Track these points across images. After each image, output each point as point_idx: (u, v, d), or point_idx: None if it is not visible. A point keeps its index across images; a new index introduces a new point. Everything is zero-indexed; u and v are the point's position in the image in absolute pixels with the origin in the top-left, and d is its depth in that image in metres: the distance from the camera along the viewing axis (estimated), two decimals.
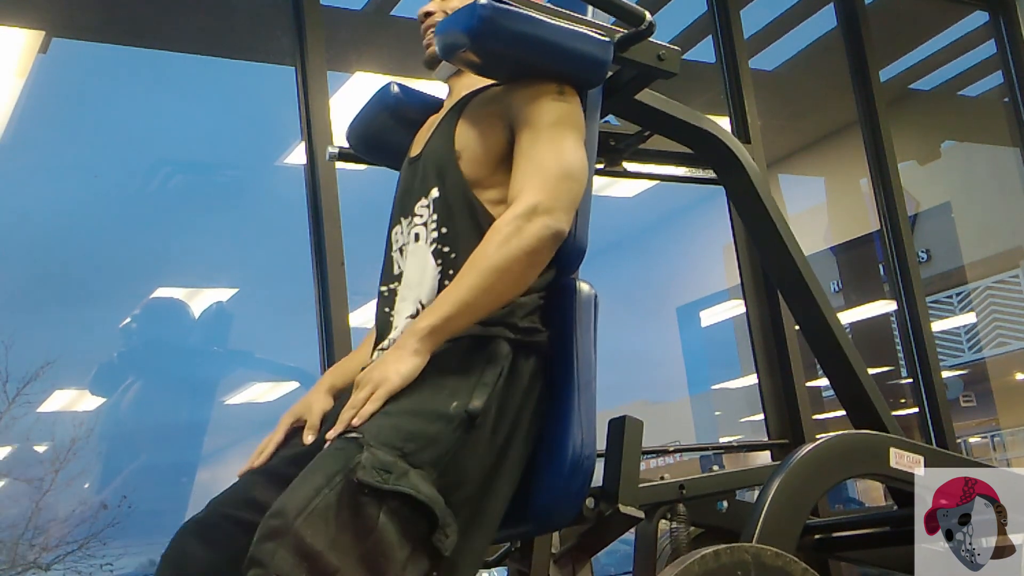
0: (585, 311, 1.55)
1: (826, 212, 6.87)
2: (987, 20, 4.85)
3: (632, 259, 8.74)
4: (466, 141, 1.57)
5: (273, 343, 5.19)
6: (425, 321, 1.39)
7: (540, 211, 1.42)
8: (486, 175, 1.54)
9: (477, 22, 1.50)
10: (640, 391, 9.97)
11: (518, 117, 1.53)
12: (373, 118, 1.88)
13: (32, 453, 4.39)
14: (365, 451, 1.26)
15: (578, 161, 1.50)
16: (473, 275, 1.40)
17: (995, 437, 9.48)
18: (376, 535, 1.21)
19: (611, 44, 1.60)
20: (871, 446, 1.88)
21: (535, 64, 1.55)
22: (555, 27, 1.54)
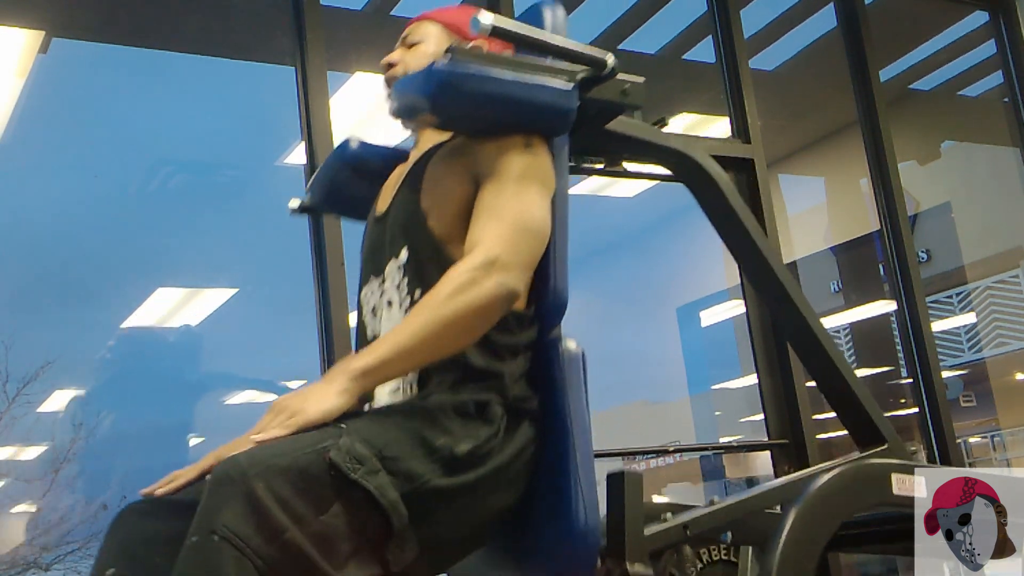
0: (574, 372, 1.50)
1: (826, 212, 6.88)
2: (987, 20, 4.85)
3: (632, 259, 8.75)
4: (433, 198, 1.52)
5: (273, 343, 5.19)
6: (360, 362, 1.32)
7: (497, 267, 1.36)
8: (456, 231, 1.49)
9: (435, 87, 1.45)
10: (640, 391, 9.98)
11: (484, 171, 1.48)
12: (335, 174, 1.83)
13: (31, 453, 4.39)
14: (344, 437, 1.24)
15: (540, 216, 1.45)
16: (419, 322, 1.34)
17: (995, 437, 9.47)
18: (328, 518, 1.19)
19: (575, 90, 1.51)
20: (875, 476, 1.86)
21: (498, 119, 1.50)
22: (516, 83, 1.47)
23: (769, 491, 1.88)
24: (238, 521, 1.13)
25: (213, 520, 1.14)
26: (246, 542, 1.13)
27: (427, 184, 1.54)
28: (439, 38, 1.67)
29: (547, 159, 1.51)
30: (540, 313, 1.51)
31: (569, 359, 1.51)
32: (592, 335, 1.62)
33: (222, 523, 1.13)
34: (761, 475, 7.02)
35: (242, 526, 1.13)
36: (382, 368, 1.33)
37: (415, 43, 1.68)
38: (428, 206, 1.52)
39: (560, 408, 1.48)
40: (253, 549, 1.13)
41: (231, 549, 1.12)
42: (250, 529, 1.13)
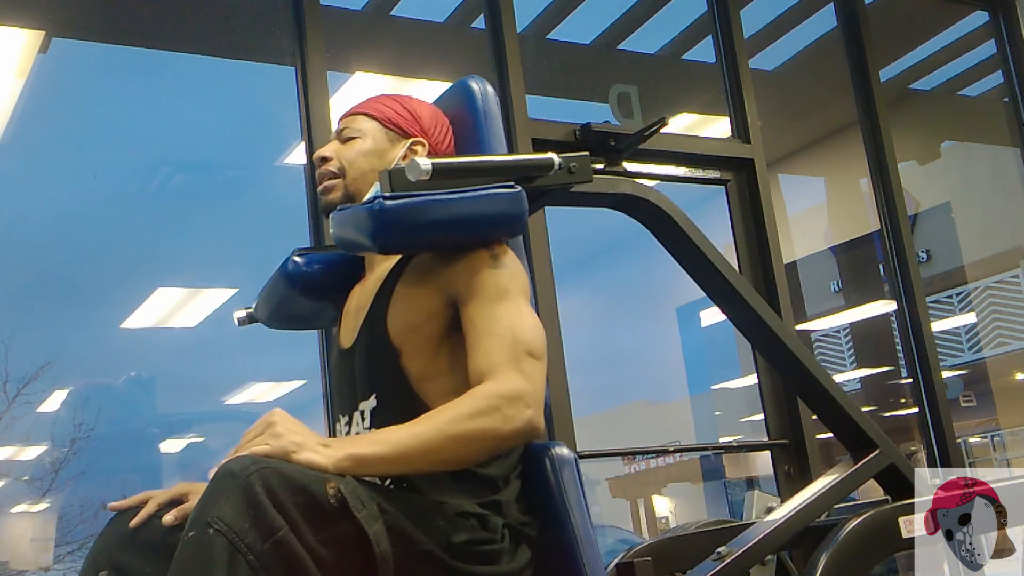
0: (569, 481, 1.45)
1: (826, 212, 6.87)
2: (987, 20, 4.85)
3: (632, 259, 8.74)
4: (404, 335, 1.46)
5: (273, 343, 5.19)
6: (359, 448, 1.25)
7: (524, 400, 1.31)
8: (431, 366, 1.45)
9: (379, 227, 1.39)
10: (640, 391, 9.98)
11: (461, 292, 1.43)
12: (280, 295, 1.74)
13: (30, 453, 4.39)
14: (349, 478, 1.22)
15: (539, 337, 1.40)
16: (430, 430, 1.27)
17: (995, 437, 9.48)
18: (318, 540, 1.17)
19: (522, 193, 1.46)
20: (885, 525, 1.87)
21: (452, 240, 1.46)
22: (462, 201, 1.42)
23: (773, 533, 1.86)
24: (233, 515, 1.12)
25: (209, 513, 1.13)
26: (240, 536, 1.12)
27: (394, 316, 1.48)
28: (375, 134, 1.62)
29: (516, 263, 1.48)
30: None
31: (562, 465, 1.46)
32: (592, 335, 1.62)
33: (217, 516, 1.12)
34: (761, 475, 7.01)
35: (237, 520, 1.12)
36: (376, 464, 1.26)
37: (351, 138, 1.63)
38: (400, 342, 1.46)
39: (563, 522, 1.43)
40: (247, 544, 1.12)
41: (225, 542, 1.11)
42: (245, 523, 1.12)
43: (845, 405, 2.03)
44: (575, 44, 4.26)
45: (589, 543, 1.42)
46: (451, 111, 1.69)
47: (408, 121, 1.63)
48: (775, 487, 3.42)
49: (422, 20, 3.89)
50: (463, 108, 1.67)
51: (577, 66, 4.35)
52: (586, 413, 9.69)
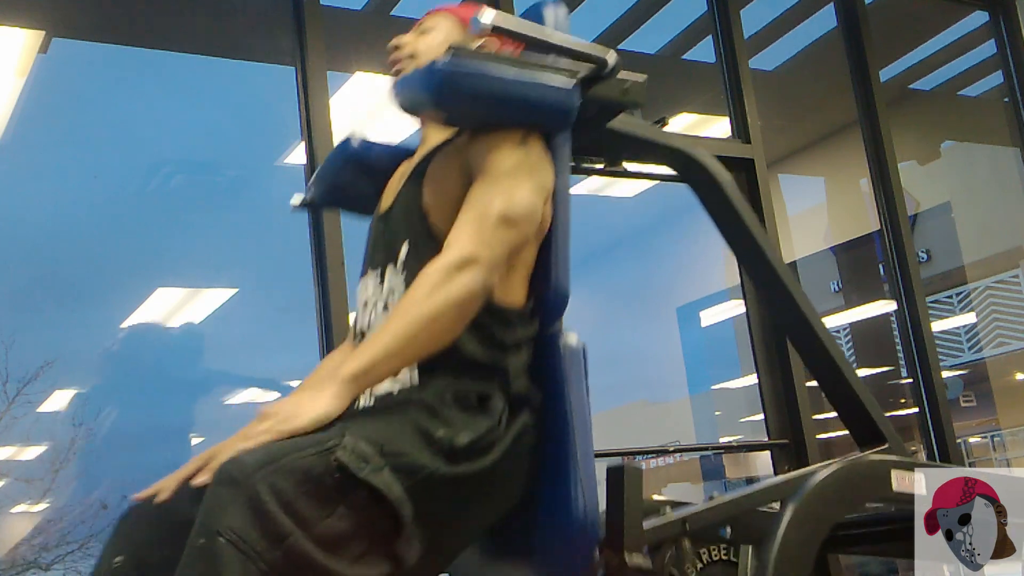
0: (574, 366, 1.52)
1: (826, 212, 6.88)
2: (987, 20, 4.85)
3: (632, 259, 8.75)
4: (434, 196, 1.54)
5: (273, 343, 5.19)
6: (350, 367, 1.34)
7: (469, 262, 1.39)
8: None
9: (437, 83, 1.48)
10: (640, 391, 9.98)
11: (476, 167, 1.50)
12: (337, 171, 1.85)
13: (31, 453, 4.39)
14: (347, 436, 1.25)
15: (525, 207, 1.46)
16: (400, 323, 1.36)
17: (995, 437, 9.48)
18: (335, 518, 1.20)
19: (575, 89, 1.54)
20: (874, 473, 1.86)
21: (500, 116, 1.52)
22: (516, 81, 1.50)
23: (769, 487, 1.88)
24: (242, 523, 1.13)
25: (217, 522, 1.14)
26: (251, 545, 1.13)
27: (429, 181, 1.56)
28: (450, 31, 1.69)
29: (541, 154, 1.53)
30: (541, 308, 1.52)
31: (570, 353, 1.52)
32: (592, 335, 1.63)
33: (226, 525, 1.13)
34: (761, 475, 7.01)
35: (246, 529, 1.13)
36: (371, 371, 1.34)
37: (426, 31, 1.72)
38: (430, 203, 1.53)
39: (561, 401, 1.49)
40: (258, 552, 1.13)
41: (235, 552, 1.12)
42: (255, 532, 1.13)
43: (862, 396, 2.03)
44: None
45: (583, 425, 1.48)
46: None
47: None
48: None
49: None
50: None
51: None
52: None
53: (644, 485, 1.58)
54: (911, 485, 1.84)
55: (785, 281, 2.00)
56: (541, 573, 1.47)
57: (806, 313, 2.01)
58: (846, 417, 2.08)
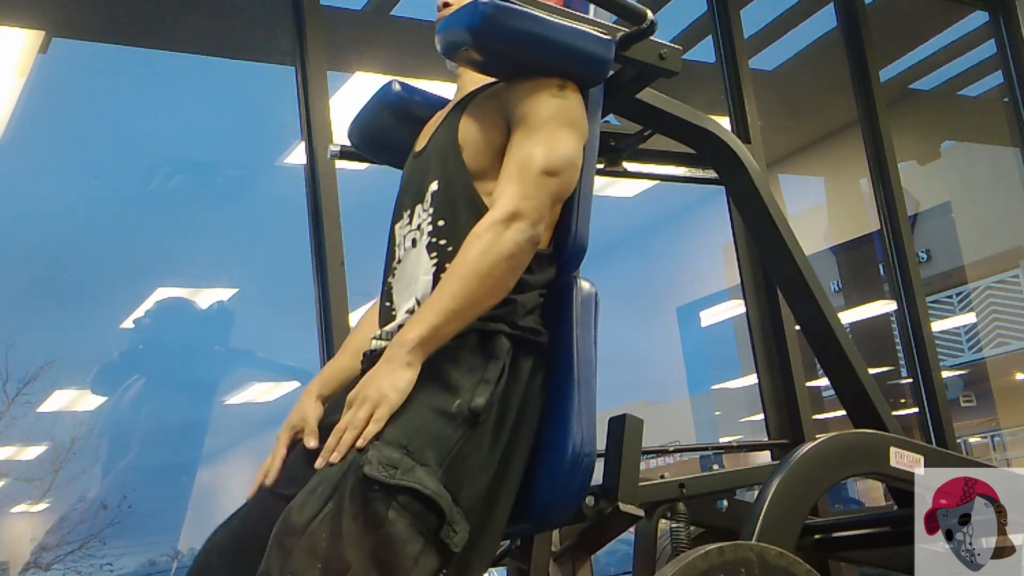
0: (585, 309, 1.55)
1: (826, 212, 6.87)
2: (987, 20, 4.85)
3: (632, 259, 8.74)
4: (468, 135, 1.58)
5: (273, 343, 5.19)
6: (413, 332, 1.39)
7: (517, 216, 1.43)
8: (488, 168, 1.55)
9: (479, 20, 1.51)
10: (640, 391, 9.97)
11: (515, 113, 1.54)
12: (375, 116, 1.87)
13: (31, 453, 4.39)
14: (371, 448, 1.28)
15: (565, 154, 1.50)
16: (456, 283, 1.40)
17: (995, 437, 9.48)
18: (385, 530, 1.23)
19: (613, 42, 1.60)
20: (871, 445, 1.87)
21: (537, 62, 1.56)
22: (557, 25, 1.54)
23: (767, 465, 1.89)
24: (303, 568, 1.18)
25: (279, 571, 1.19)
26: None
27: (464, 123, 1.59)
28: None
29: (579, 103, 1.56)
30: (559, 255, 1.56)
31: (582, 297, 1.56)
32: None
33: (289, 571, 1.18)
34: None
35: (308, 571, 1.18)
36: (435, 333, 1.38)
37: None
38: (464, 141, 1.57)
39: (567, 340, 1.52)
40: None
41: None
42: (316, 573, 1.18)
43: (872, 395, 2.03)
44: None
45: (587, 364, 1.51)
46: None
47: None
48: None
49: (422, 20, 3.89)
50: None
51: None
52: None
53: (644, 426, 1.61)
54: (910, 464, 1.84)
55: (804, 273, 2.01)
56: (534, 505, 1.49)
57: (823, 307, 2.03)
58: (853, 413, 2.08)
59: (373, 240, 1.81)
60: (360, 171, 2.29)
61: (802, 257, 2.05)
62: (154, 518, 4.45)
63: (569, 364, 1.51)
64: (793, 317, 3.30)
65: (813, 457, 1.77)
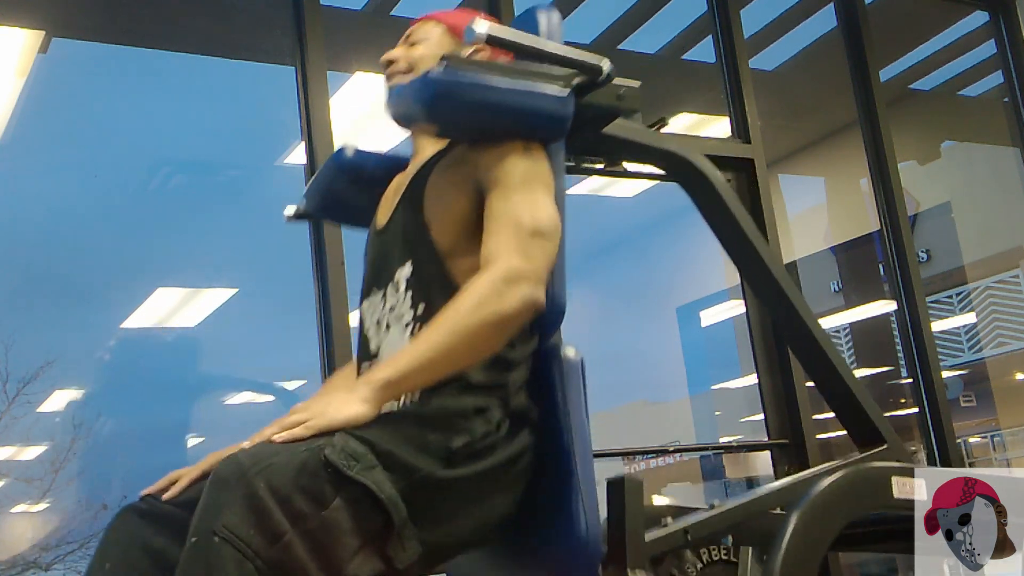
0: (573, 380, 1.50)
1: (826, 212, 6.88)
2: (987, 20, 4.85)
3: (632, 259, 8.75)
4: (435, 210, 1.51)
5: (273, 343, 5.20)
6: (382, 373, 1.33)
7: (520, 278, 1.36)
8: (459, 243, 1.49)
9: (431, 95, 1.45)
10: (640, 391, 9.99)
11: (486, 179, 1.48)
12: (331, 182, 1.81)
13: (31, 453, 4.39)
14: (338, 435, 1.25)
15: (550, 218, 1.45)
16: (440, 334, 1.34)
17: (995, 437, 9.47)
18: (329, 514, 1.19)
19: (570, 97, 1.51)
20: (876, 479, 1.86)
21: (497, 127, 1.50)
22: (511, 90, 1.48)
23: (770, 494, 1.87)
24: (239, 522, 1.13)
25: (213, 520, 1.14)
26: (247, 543, 1.13)
27: (429, 195, 1.53)
28: (441, 40, 1.66)
29: (546, 163, 1.51)
30: (538, 321, 1.48)
31: (568, 366, 1.51)
32: (592, 335, 1.63)
33: (222, 524, 1.13)
34: (761, 475, 7.01)
35: (243, 527, 1.13)
36: (404, 380, 1.33)
37: (417, 42, 1.67)
38: (430, 218, 1.51)
39: (560, 416, 1.48)
40: (254, 550, 1.13)
41: (232, 550, 1.12)
42: (251, 530, 1.13)
43: (860, 396, 2.02)
44: (575, 44, 4.26)
45: (582, 438, 1.47)
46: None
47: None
48: None
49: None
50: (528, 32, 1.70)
51: None
52: None
53: (645, 487, 1.58)
54: (911, 491, 1.84)
55: (781, 283, 1.99)
56: None
57: (803, 315, 2.00)
58: (844, 418, 2.07)
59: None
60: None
61: (780, 269, 2.02)
62: None
63: (564, 441, 1.46)
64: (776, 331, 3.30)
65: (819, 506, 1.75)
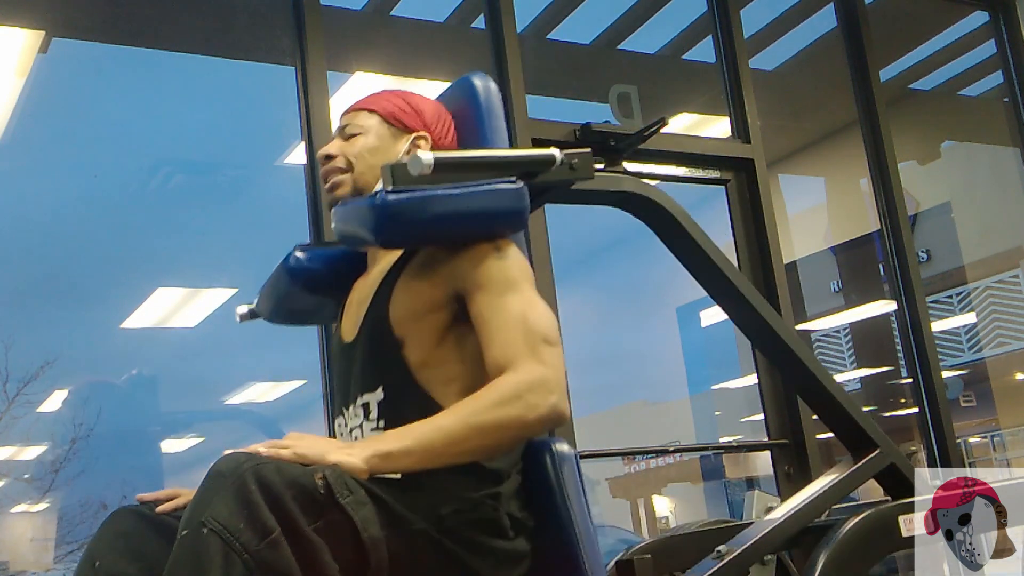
0: (569, 474, 1.46)
1: (826, 212, 6.87)
2: (987, 20, 4.85)
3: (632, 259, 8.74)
4: (407, 326, 1.45)
5: (273, 343, 5.19)
6: (384, 445, 1.28)
7: (550, 388, 1.33)
8: (431, 355, 1.45)
9: (380, 221, 1.40)
10: (640, 391, 9.99)
11: (466, 285, 1.43)
12: (282, 289, 1.73)
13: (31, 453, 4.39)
14: (333, 469, 1.23)
15: (551, 321, 1.41)
16: (452, 422, 1.30)
17: (995, 437, 9.47)
18: (316, 527, 1.18)
19: (524, 189, 1.46)
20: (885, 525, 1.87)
21: (454, 234, 1.46)
22: (463, 196, 1.42)
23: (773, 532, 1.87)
24: (228, 514, 1.13)
25: (203, 512, 1.14)
26: (235, 536, 1.12)
27: (397, 307, 1.47)
28: (378, 130, 1.61)
29: (519, 255, 1.49)
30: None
31: (563, 462, 1.47)
32: (592, 335, 1.63)
33: (212, 516, 1.13)
34: (761, 475, 7.02)
35: (232, 519, 1.13)
36: (402, 457, 1.28)
37: (354, 135, 1.61)
38: (402, 333, 1.46)
39: (562, 518, 1.43)
40: (242, 544, 1.13)
41: (220, 542, 1.12)
42: (240, 523, 1.13)
43: (846, 405, 2.03)
44: (575, 44, 4.26)
45: (589, 539, 1.42)
46: (454, 107, 1.69)
47: (411, 116, 1.62)
48: (775, 487, 3.42)
49: (422, 20, 3.89)
50: (466, 104, 1.67)
51: (577, 66, 4.35)
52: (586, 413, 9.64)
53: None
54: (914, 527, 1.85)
55: (752, 301, 1.99)
56: None
57: (778, 330, 2.00)
58: (835, 428, 2.08)
59: None
60: None
61: (746, 285, 2.01)
62: None
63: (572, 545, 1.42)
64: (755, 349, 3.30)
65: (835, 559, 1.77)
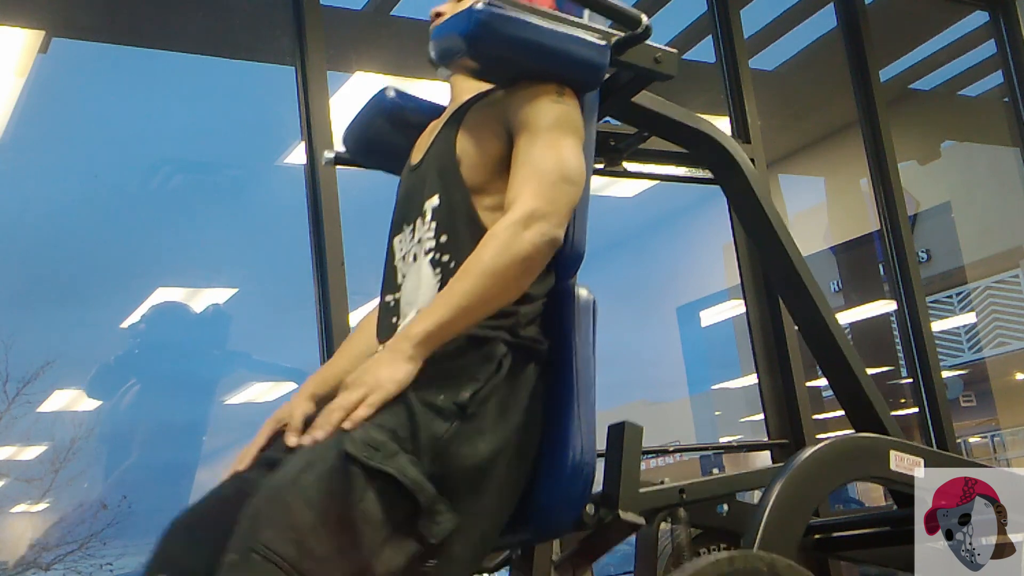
0: (584, 317, 1.55)
1: (826, 212, 6.88)
2: (987, 20, 4.85)
3: (632, 259, 8.75)
4: (466, 147, 1.56)
5: (273, 343, 5.19)
6: (420, 326, 1.37)
7: (537, 217, 1.42)
8: (486, 182, 1.53)
9: (474, 27, 1.50)
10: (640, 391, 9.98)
11: (516, 121, 1.53)
12: (369, 123, 1.86)
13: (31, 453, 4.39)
14: (358, 429, 1.27)
15: (576, 164, 1.50)
16: (468, 280, 1.39)
17: (995, 437, 9.49)
18: (360, 508, 1.22)
19: (608, 48, 1.59)
20: (872, 449, 1.87)
21: (532, 68, 1.55)
22: (552, 31, 1.54)
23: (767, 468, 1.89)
24: (276, 539, 1.16)
25: (252, 539, 1.17)
26: (285, 559, 1.16)
27: (462, 135, 1.57)
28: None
29: (577, 108, 1.56)
30: (557, 263, 1.53)
31: (580, 304, 1.55)
32: None
33: (261, 542, 1.16)
34: None
35: (281, 544, 1.16)
36: (442, 330, 1.37)
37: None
38: (461, 155, 1.55)
39: (567, 348, 1.52)
40: (292, 564, 1.16)
41: (272, 568, 1.15)
42: (288, 547, 1.16)
43: (867, 388, 2.03)
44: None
45: (586, 373, 1.51)
46: None
47: None
48: None
49: (422, 20, 3.87)
50: None
51: None
52: None
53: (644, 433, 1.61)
54: (910, 467, 1.84)
55: (802, 274, 2.02)
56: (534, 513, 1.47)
57: (820, 307, 2.03)
58: (852, 413, 2.08)
59: (373, 240, 1.81)
60: (360, 171, 2.29)
61: (800, 258, 2.05)
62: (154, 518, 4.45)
63: (568, 372, 1.50)
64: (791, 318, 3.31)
65: (814, 462, 1.77)
